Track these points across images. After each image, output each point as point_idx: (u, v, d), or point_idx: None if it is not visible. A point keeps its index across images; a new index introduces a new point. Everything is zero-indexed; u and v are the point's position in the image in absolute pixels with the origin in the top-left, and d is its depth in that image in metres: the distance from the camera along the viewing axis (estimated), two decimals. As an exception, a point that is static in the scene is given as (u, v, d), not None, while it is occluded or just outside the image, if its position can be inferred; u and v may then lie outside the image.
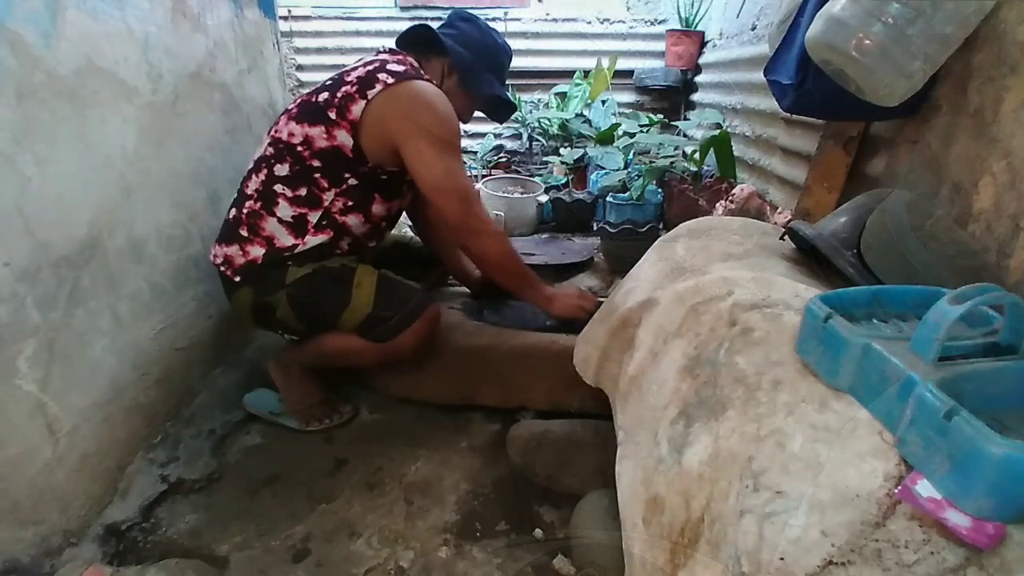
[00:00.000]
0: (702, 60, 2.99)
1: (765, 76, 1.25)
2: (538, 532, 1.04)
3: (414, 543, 1.02)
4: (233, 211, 1.27)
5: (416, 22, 1.39)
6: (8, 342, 0.87)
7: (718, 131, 2.10)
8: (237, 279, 1.23)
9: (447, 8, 3.18)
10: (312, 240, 1.22)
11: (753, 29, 2.24)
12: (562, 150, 2.94)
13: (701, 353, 0.71)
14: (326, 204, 1.22)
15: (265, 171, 1.24)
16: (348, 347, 1.26)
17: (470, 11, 1.44)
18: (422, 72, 1.28)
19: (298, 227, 1.22)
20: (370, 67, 1.23)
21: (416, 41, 1.37)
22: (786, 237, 0.93)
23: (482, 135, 3.31)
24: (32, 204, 0.90)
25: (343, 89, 1.20)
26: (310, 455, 1.24)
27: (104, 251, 1.07)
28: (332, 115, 1.19)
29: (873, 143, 1.28)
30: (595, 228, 2.59)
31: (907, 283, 0.66)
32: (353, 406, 1.37)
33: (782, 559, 0.45)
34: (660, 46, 3.19)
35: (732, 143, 2.08)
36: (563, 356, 1.16)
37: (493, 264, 1.32)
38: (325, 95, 1.22)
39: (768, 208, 1.79)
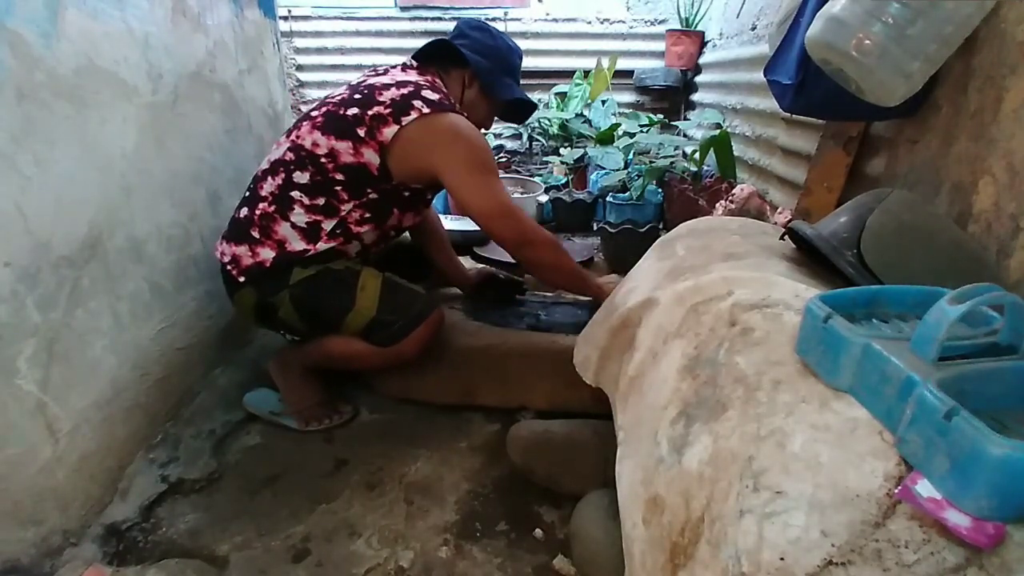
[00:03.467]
0: (702, 60, 2.99)
1: (765, 76, 1.25)
2: (538, 532, 1.04)
3: (414, 543, 1.02)
4: (244, 210, 1.26)
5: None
6: (8, 342, 0.87)
7: (718, 131, 2.11)
8: (242, 279, 1.23)
9: (447, 8, 3.19)
10: (323, 247, 1.23)
11: (753, 29, 2.24)
12: (562, 150, 2.94)
13: (701, 353, 0.71)
14: (343, 214, 1.23)
15: (283, 175, 1.23)
16: (350, 350, 1.26)
17: (476, 18, 1.47)
18: (449, 95, 1.32)
19: (311, 234, 1.22)
20: (404, 90, 1.23)
21: (435, 54, 1.38)
22: (786, 237, 0.93)
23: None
24: (32, 204, 0.90)
25: (375, 109, 1.21)
26: (310, 455, 1.24)
27: (104, 251, 1.07)
28: (361, 133, 1.20)
29: (873, 143, 1.28)
30: (595, 228, 2.59)
31: (907, 283, 0.66)
32: (353, 406, 1.37)
33: (782, 559, 0.45)
34: (660, 46, 3.19)
35: (732, 143, 2.08)
36: (563, 356, 1.16)
37: (550, 269, 1.34)
38: (355, 111, 1.21)
39: (768, 208, 1.79)
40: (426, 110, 1.20)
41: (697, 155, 2.21)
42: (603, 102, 3.04)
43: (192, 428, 1.29)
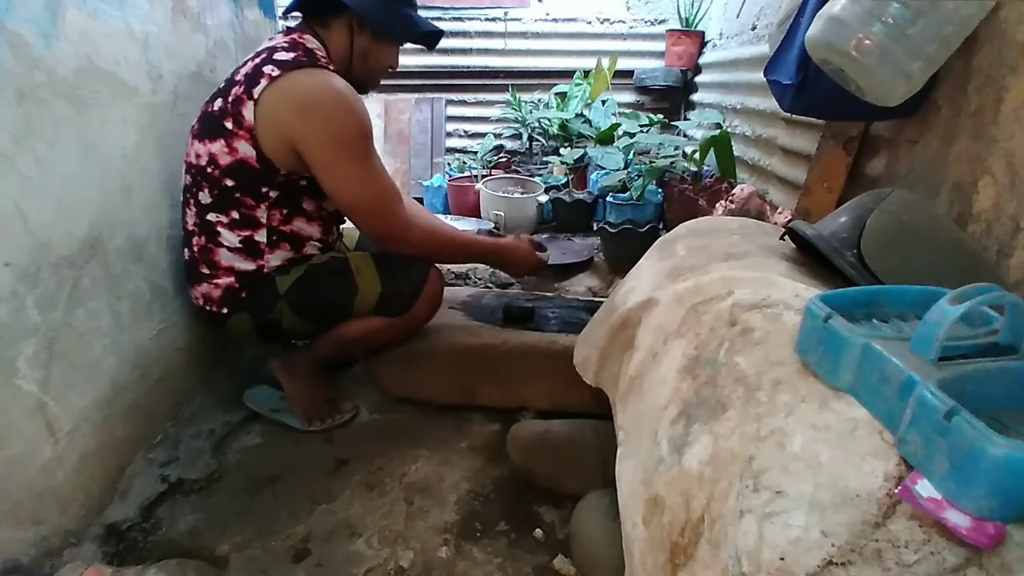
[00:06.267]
0: (702, 60, 2.99)
1: (765, 76, 1.25)
2: (538, 532, 1.04)
3: (414, 543, 1.02)
4: (186, 251, 1.22)
5: None
6: (8, 342, 0.87)
7: (718, 131, 2.11)
8: (224, 311, 1.20)
9: (447, 8, 3.19)
10: (273, 259, 1.19)
11: (753, 29, 2.24)
12: (562, 150, 2.94)
13: (701, 353, 0.71)
14: (264, 221, 1.15)
15: (192, 203, 1.17)
16: (369, 328, 1.24)
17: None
18: (317, 51, 1.14)
19: (251, 251, 1.17)
20: (257, 59, 1.10)
21: (311, 7, 1.20)
22: (786, 237, 0.93)
23: (482, 135, 3.31)
24: (32, 204, 0.90)
25: (233, 91, 1.09)
26: (310, 455, 1.24)
27: (104, 251, 1.07)
28: (229, 125, 1.08)
29: (873, 143, 1.28)
30: (595, 228, 2.59)
31: (907, 283, 0.66)
32: (353, 404, 1.37)
33: (782, 559, 0.45)
34: (660, 46, 3.19)
35: (732, 143, 2.08)
36: (563, 356, 1.16)
37: (432, 258, 1.29)
38: (219, 102, 1.11)
39: (768, 208, 1.79)
40: (276, 72, 1.05)
41: (697, 155, 2.21)
42: (603, 102, 3.04)
43: (192, 428, 1.29)
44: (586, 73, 3.09)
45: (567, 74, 3.22)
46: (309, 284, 1.21)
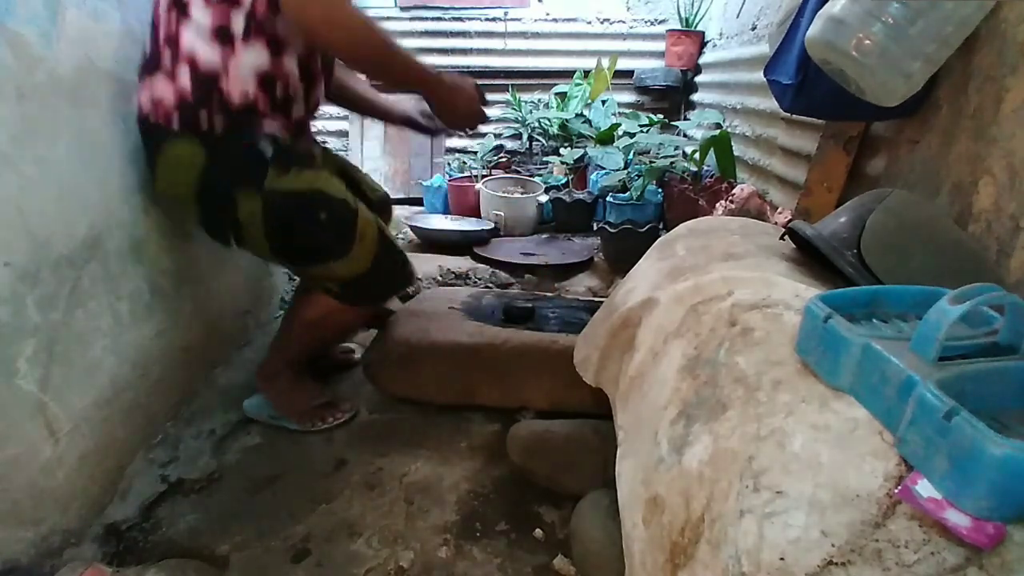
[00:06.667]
0: (702, 60, 3.00)
1: (765, 76, 1.25)
2: (538, 532, 1.04)
3: (414, 543, 1.02)
4: (150, 45, 1.08)
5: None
6: (8, 342, 0.87)
7: (718, 131, 2.11)
8: (172, 125, 1.04)
9: (447, 8, 3.19)
10: (244, 57, 1.03)
11: (753, 29, 2.24)
12: (562, 150, 2.94)
13: (701, 353, 0.71)
14: (245, 2, 1.01)
15: None
16: (322, 310, 1.22)
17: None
18: None
19: (223, 38, 1.02)
20: None
21: None
22: (786, 237, 0.93)
23: (482, 135, 3.31)
24: (32, 204, 0.90)
25: None
26: (310, 455, 1.24)
27: (104, 251, 1.07)
28: None
29: (873, 143, 1.28)
30: (595, 228, 2.59)
31: (907, 283, 0.66)
32: (352, 405, 1.37)
33: (782, 559, 0.45)
34: (660, 46, 3.19)
35: (732, 143, 2.09)
36: (563, 356, 1.16)
37: (360, 60, 1.12)
38: None
39: (768, 208, 1.79)
40: None
41: (697, 155, 2.21)
42: (603, 102, 3.04)
43: (192, 428, 1.29)
44: (586, 73, 3.09)
45: (567, 74, 3.22)
46: (305, 208, 1.10)
